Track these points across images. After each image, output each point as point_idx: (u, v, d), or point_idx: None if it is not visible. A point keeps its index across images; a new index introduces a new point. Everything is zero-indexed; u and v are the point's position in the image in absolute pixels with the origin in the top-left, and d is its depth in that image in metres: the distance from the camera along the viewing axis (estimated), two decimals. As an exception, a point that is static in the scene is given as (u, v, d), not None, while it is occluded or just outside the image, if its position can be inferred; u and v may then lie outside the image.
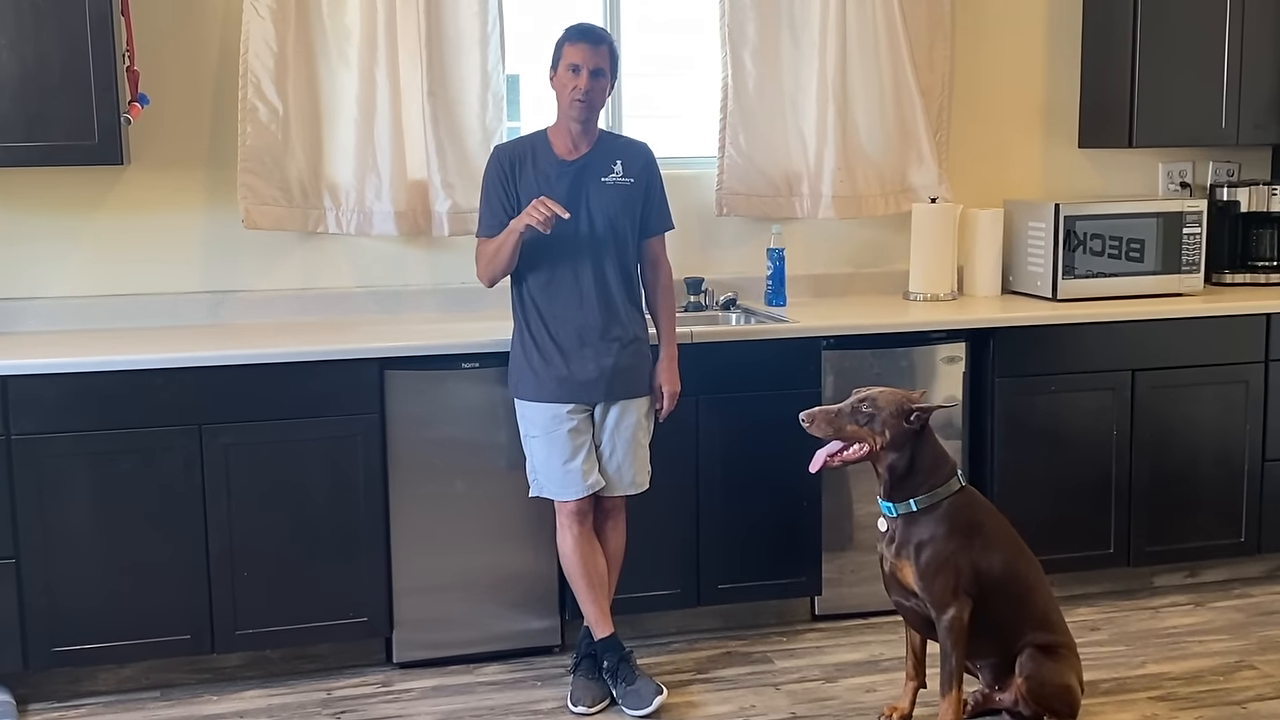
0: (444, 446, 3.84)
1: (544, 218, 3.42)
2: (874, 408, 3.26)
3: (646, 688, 3.62)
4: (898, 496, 3.29)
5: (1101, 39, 4.73)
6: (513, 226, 3.51)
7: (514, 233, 3.51)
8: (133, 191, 4.11)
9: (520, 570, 3.94)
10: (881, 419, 3.25)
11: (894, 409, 3.25)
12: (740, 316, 4.43)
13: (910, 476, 3.28)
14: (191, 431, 3.64)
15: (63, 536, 3.60)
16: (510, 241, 3.52)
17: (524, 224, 3.46)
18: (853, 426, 3.29)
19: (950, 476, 3.30)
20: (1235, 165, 4.98)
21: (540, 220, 3.42)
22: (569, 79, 3.53)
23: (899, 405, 3.26)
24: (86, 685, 3.77)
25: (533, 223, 3.43)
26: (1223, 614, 4.31)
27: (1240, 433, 4.42)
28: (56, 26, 3.69)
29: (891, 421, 3.25)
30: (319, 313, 4.24)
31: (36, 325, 4.04)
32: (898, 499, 3.29)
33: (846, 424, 3.29)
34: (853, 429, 3.29)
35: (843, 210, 4.54)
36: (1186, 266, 4.54)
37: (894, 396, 3.29)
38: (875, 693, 3.74)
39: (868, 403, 3.28)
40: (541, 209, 3.42)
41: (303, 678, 3.86)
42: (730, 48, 4.42)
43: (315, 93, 4.11)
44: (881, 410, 3.26)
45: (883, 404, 3.26)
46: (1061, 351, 4.27)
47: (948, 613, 3.22)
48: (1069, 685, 3.28)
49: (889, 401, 3.27)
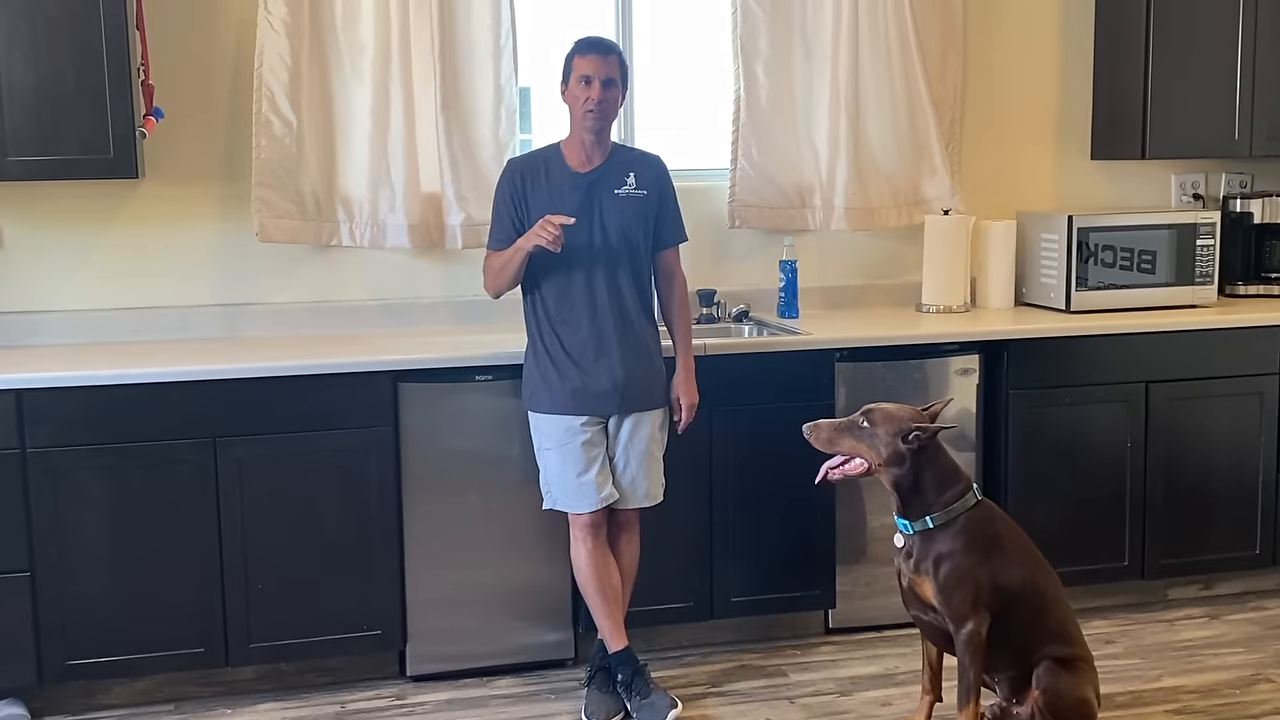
0: (457, 459, 3.84)
1: (552, 237, 3.42)
2: (872, 425, 3.26)
3: (661, 701, 3.61)
4: (912, 514, 3.28)
5: (1114, 50, 4.73)
6: (520, 245, 3.52)
7: (521, 251, 3.52)
8: (147, 205, 4.12)
9: (534, 583, 3.94)
10: (880, 436, 3.25)
11: (892, 427, 3.24)
12: (753, 329, 4.43)
13: (919, 494, 3.27)
14: (205, 444, 3.65)
15: (77, 549, 3.61)
16: (516, 260, 3.54)
17: (532, 244, 3.46)
18: (851, 441, 3.28)
19: (965, 492, 3.29)
20: (1248, 177, 4.97)
21: (549, 240, 3.42)
22: (581, 91, 3.54)
23: (898, 425, 3.24)
24: (100, 698, 3.77)
25: (541, 243, 3.44)
26: (1238, 627, 4.29)
27: (1255, 445, 4.41)
28: (71, 40, 3.71)
29: (889, 440, 3.24)
30: (332, 325, 4.25)
31: (51, 338, 4.05)
32: (913, 516, 3.28)
33: (845, 438, 3.29)
34: (850, 444, 3.28)
35: (855, 222, 4.54)
36: (1200, 278, 4.54)
37: (895, 414, 3.27)
38: (890, 706, 3.73)
39: (867, 419, 3.28)
40: (549, 228, 3.42)
41: (316, 691, 3.86)
42: (743, 59, 4.43)
43: (329, 106, 4.13)
44: (879, 428, 3.25)
45: (879, 421, 3.26)
46: (1075, 363, 4.26)
47: (966, 627, 3.20)
48: (1086, 699, 3.26)
49: (886, 419, 3.26)
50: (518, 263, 3.54)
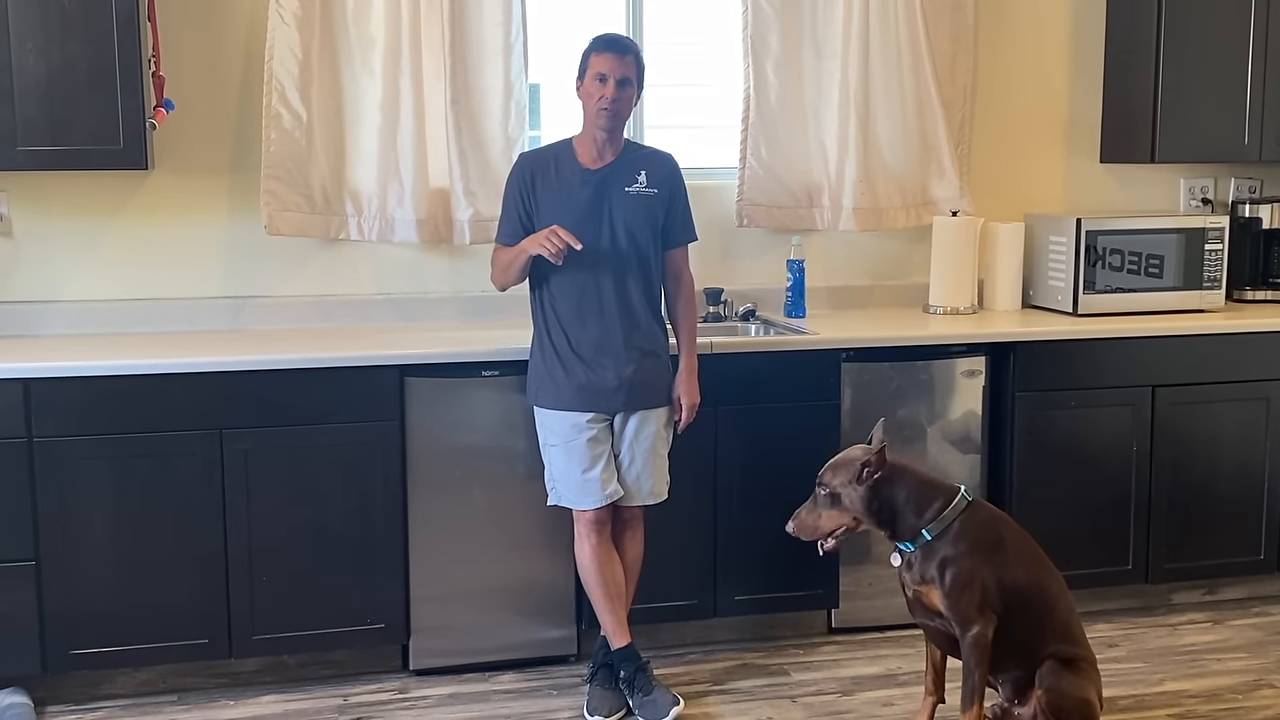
0: (463, 454, 3.84)
1: (556, 250, 3.42)
2: (830, 489, 3.28)
3: (663, 698, 3.61)
4: (905, 536, 3.29)
5: (1125, 53, 4.72)
6: (524, 247, 3.53)
7: (524, 253, 3.53)
8: (156, 196, 4.12)
9: (537, 579, 3.94)
10: (845, 496, 3.26)
11: (846, 478, 3.25)
12: (759, 328, 4.42)
13: (900, 519, 3.27)
14: (211, 436, 3.65)
15: (82, 540, 3.61)
16: (520, 260, 3.55)
17: (535, 250, 3.47)
18: (829, 514, 3.29)
19: (953, 498, 3.28)
20: (1258, 182, 4.96)
21: (552, 253, 3.43)
22: (596, 89, 3.53)
23: (849, 470, 3.26)
24: (104, 689, 3.77)
25: (543, 254, 3.44)
26: (1241, 632, 4.28)
27: (1260, 450, 4.40)
28: (83, 31, 3.71)
29: (851, 492, 3.25)
30: (339, 319, 4.25)
31: (58, 329, 4.06)
32: (906, 538, 3.29)
33: (823, 514, 3.30)
34: (831, 516, 3.29)
35: (863, 222, 4.53)
36: (1208, 283, 4.53)
37: (843, 462, 3.28)
38: (893, 707, 3.72)
39: (820, 485, 3.29)
40: (554, 240, 3.42)
41: (319, 683, 3.86)
42: (752, 58, 4.42)
43: (339, 100, 4.12)
44: (839, 489, 3.26)
45: (830, 479, 3.28)
46: (1082, 367, 4.25)
47: (972, 629, 3.20)
48: (1088, 699, 3.26)
49: (837, 473, 3.27)
50: (521, 263, 3.56)
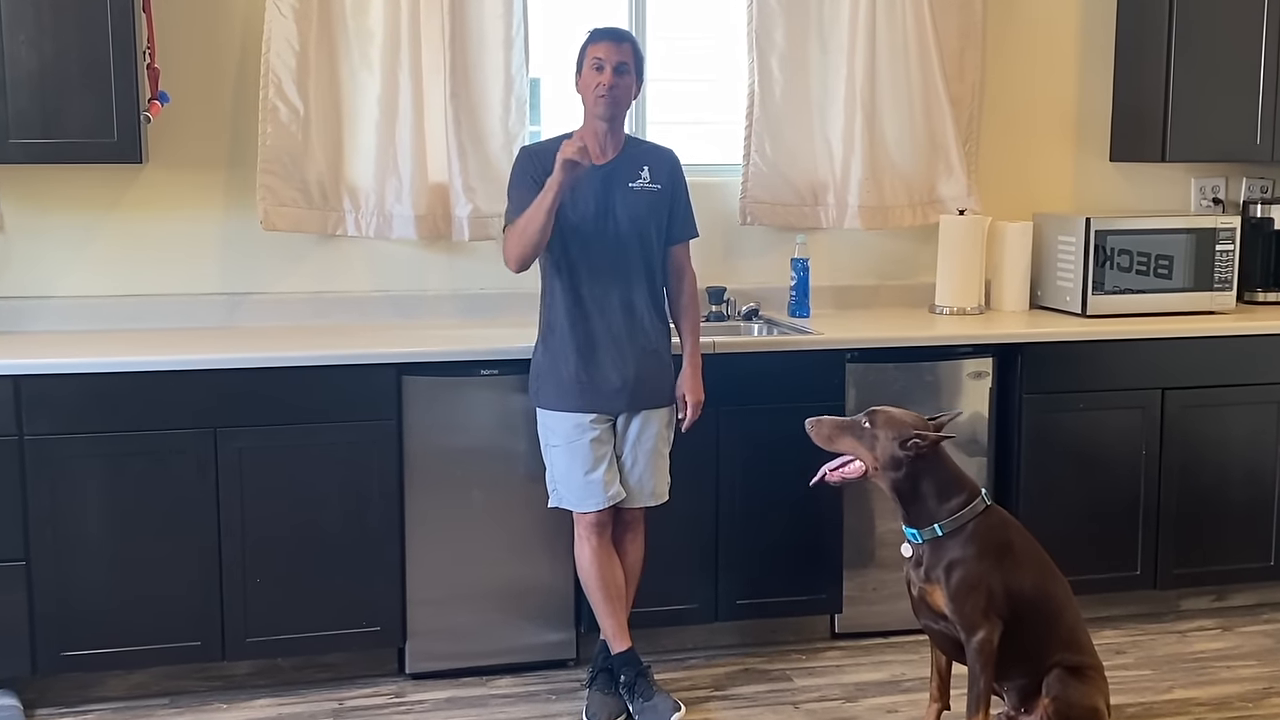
0: (461, 454, 3.80)
1: (576, 149, 3.30)
2: (873, 426, 3.23)
3: (664, 704, 3.57)
4: (919, 523, 3.24)
5: (1135, 51, 4.67)
6: (549, 185, 3.35)
7: (551, 190, 3.34)
8: (150, 190, 4.08)
9: (536, 582, 3.89)
10: (879, 439, 3.21)
11: (892, 432, 3.20)
12: (763, 327, 4.38)
13: (918, 501, 3.23)
14: (206, 435, 3.60)
15: (74, 539, 3.56)
16: (547, 201, 3.35)
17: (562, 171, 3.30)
18: (850, 441, 3.25)
19: (973, 498, 3.24)
20: (1269, 182, 4.91)
21: (574, 151, 3.29)
22: (593, 77, 3.49)
23: (899, 430, 3.21)
24: (95, 691, 3.73)
25: (568, 155, 3.29)
26: (1251, 639, 4.23)
27: (1271, 454, 4.35)
28: (77, 22, 3.66)
29: (887, 444, 3.20)
30: (336, 316, 4.20)
31: (51, 325, 4.01)
32: (918, 525, 3.24)
33: (846, 437, 3.25)
34: (850, 443, 3.25)
35: (869, 221, 4.48)
36: (1218, 284, 4.48)
37: (898, 419, 3.23)
38: (896, 713, 3.68)
39: (869, 420, 3.24)
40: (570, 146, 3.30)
41: (314, 687, 3.82)
42: (758, 54, 4.37)
43: (337, 94, 4.08)
44: (879, 430, 3.22)
45: (881, 424, 3.22)
46: (1090, 368, 4.20)
47: (978, 635, 3.16)
48: (1096, 708, 3.22)
49: (889, 423, 3.22)
50: (548, 206, 3.34)
